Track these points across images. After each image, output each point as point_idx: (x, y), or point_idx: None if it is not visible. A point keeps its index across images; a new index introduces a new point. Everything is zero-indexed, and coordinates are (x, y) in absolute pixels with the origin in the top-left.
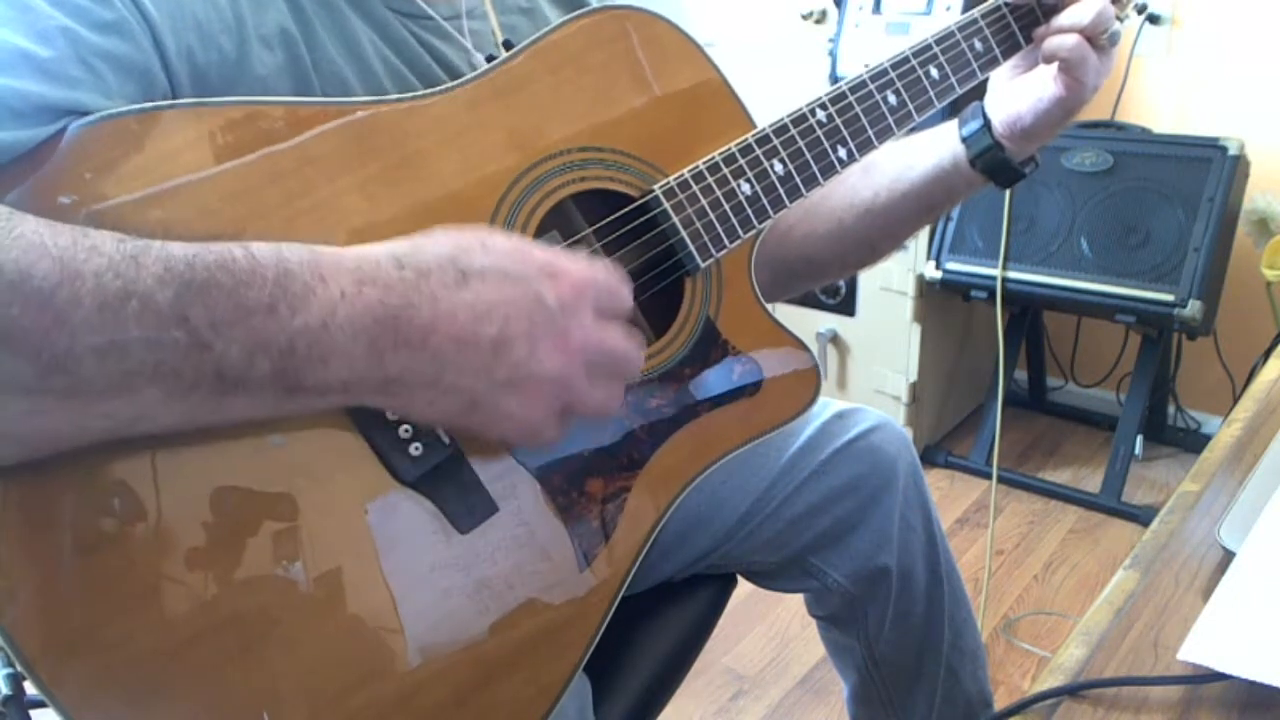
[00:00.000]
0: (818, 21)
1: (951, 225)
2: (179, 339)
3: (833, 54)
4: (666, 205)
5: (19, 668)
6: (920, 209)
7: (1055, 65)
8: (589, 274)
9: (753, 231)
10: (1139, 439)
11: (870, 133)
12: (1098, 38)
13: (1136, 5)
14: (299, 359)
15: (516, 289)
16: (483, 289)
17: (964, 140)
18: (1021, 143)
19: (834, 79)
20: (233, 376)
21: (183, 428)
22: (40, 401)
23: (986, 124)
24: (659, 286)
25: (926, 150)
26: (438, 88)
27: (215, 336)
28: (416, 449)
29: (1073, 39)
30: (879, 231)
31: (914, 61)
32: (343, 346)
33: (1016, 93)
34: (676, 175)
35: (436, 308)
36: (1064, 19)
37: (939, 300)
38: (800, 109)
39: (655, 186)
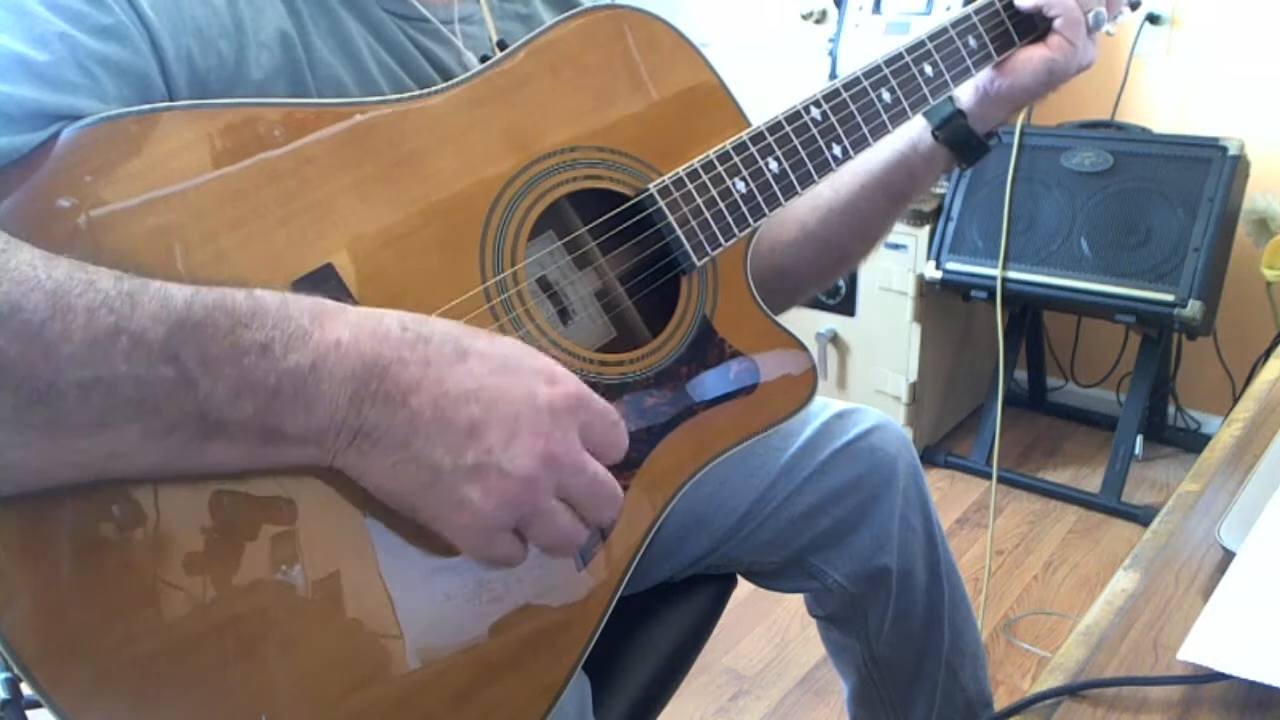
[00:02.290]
0: (818, 21)
1: (951, 225)
2: (167, 376)
3: (833, 54)
4: (661, 204)
5: (16, 671)
6: (883, 199)
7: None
8: (589, 394)
9: (748, 230)
10: (1139, 439)
11: (865, 130)
12: (1085, 14)
13: (1130, 2)
14: (283, 401)
15: (511, 380)
16: (478, 369)
17: (925, 113)
18: (992, 108)
19: (834, 79)
20: (214, 417)
21: (160, 472)
22: (15, 435)
23: (950, 95)
24: (654, 285)
25: (884, 139)
26: (433, 88)
27: (204, 374)
28: None
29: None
30: (846, 230)
31: (908, 58)
32: (328, 392)
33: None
34: (671, 174)
35: (426, 371)
36: None
37: (939, 300)
38: (795, 106)
39: (650, 185)
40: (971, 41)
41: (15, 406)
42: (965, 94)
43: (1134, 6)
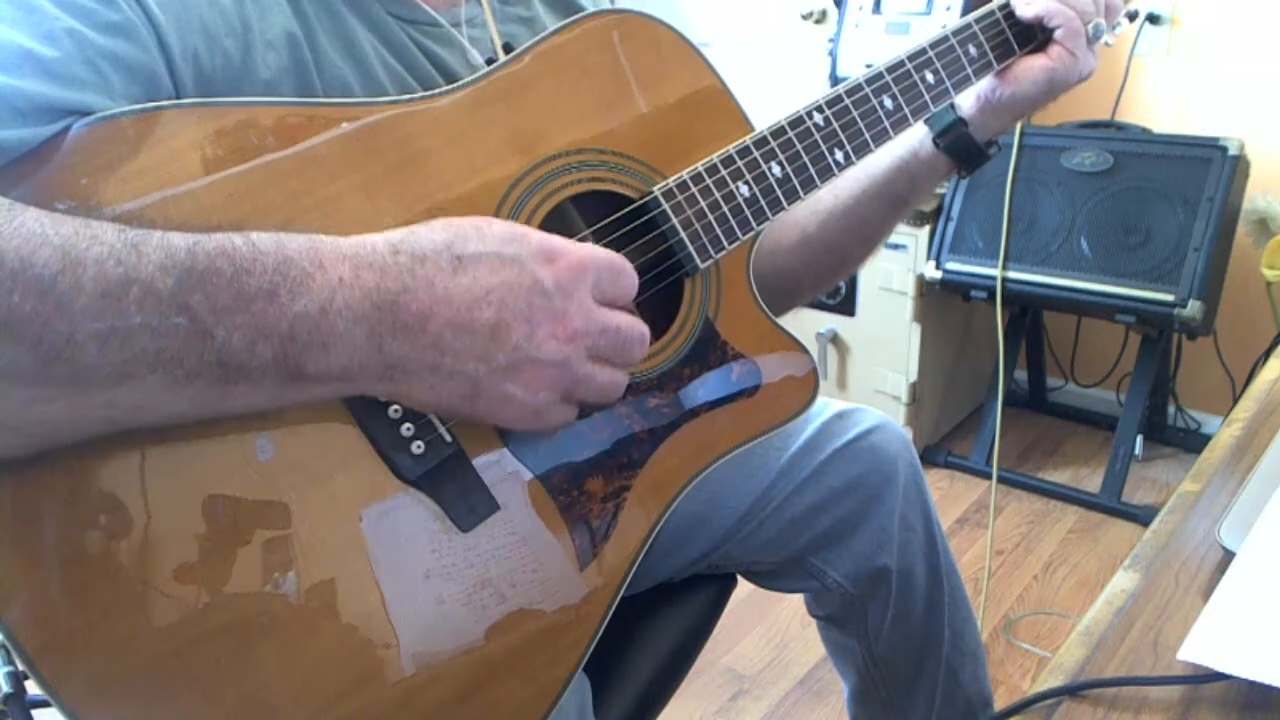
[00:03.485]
0: (818, 21)
1: (951, 225)
2: (180, 325)
3: (833, 54)
4: (666, 206)
5: (20, 666)
6: (883, 204)
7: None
8: (588, 255)
9: (751, 233)
10: (1139, 439)
11: (867, 136)
12: (1085, 26)
13: (1128, 13)
14: (300, 345)
15: (512, 272)
16: (478, 273)
17: (926, 121)
18: (992, 116)
19: (834, 79)
20: (234, 364)
21: (185, 418)
22: (41, 390)
23: (950, 104)
24: (658, 288)
25: (885, 146)
26: (439, 89)
27: (216, 323)
28: (418, 447)
29: (1067, 10)
30: (846, 235)
31: (909, 66)
32: (343, 332)
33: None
34: (675, 177)
35: (433, 292)
36: None
37: (939, 300)
38: (798, 112)
39: (654, 188)
40: (972, 50)
41: (36, 361)
42: (966, 102)
43: (1132, 18)
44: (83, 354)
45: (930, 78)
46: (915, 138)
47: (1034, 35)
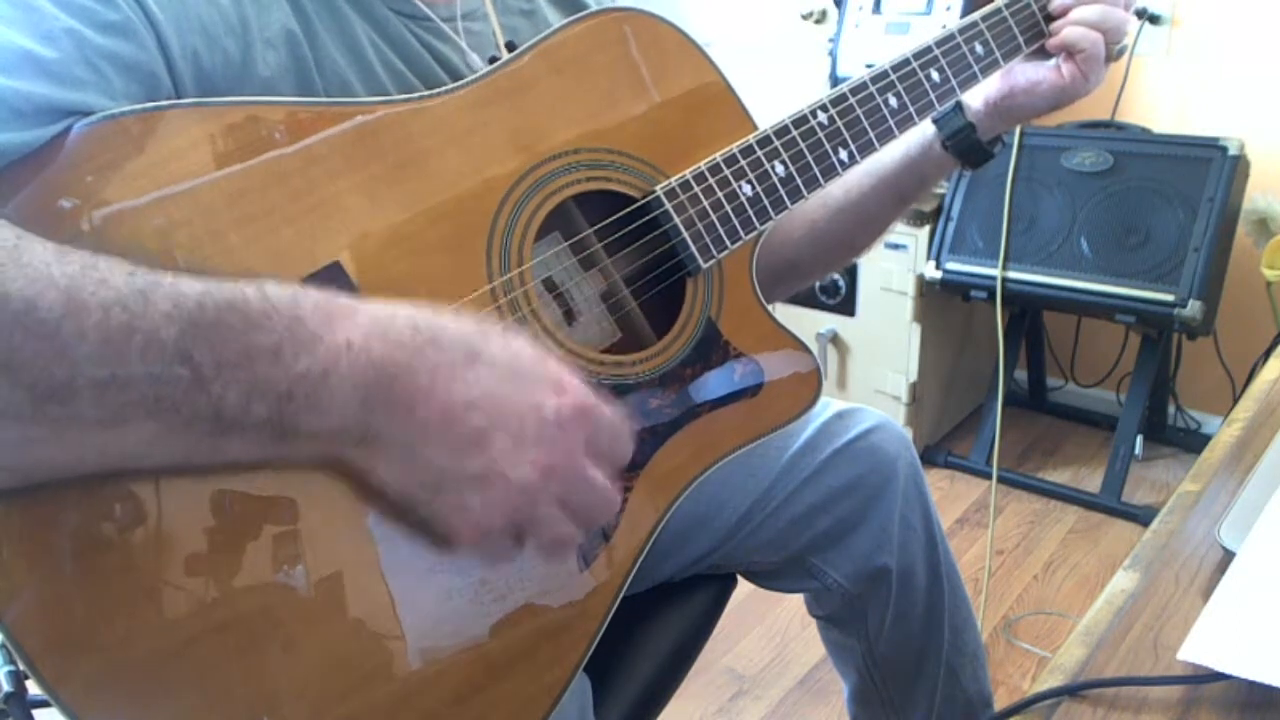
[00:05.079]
0: (818, 21)
1: (951, 225)
2: (181, 376)
3: (833, 54)
4: (668, 206)
5: (21, 665)
6: (893, 198)
7: (1062, 56)
8: (595, 406)
9: (754, 233)
10: (1139, 439)
11: (871, 135)
12: (1111, 47)
13: (1136, 10)
14: (296, 405)
15: (519, 389)
16: (487, 378)
17: (934, 121)
18: (998, 121)
19: (834, 79)
20: (229, 418)
21: (177, 465)
22: (35, 430)
23: (958, 105)
24: (661, 287)
25: (894, 142)
26: (441, 88)
27: (216, 376)
28: None
29: (1095, 35)
30: (855, 227)
31: (915, 64)
32: (340, 397)
33: (1011, 73)
34: (678, 176)
35: (435, 379)
36: (1089, 14)
37: (939, 300)
38: (801, 110)
39: (657, 187)
40: (978, 48)
41: (33, 402)
42: (974, 103)
43: (1140, 15)
44: (79, 399)
45: (935, 76)
46: (925, 136)
47: (1041, 34)
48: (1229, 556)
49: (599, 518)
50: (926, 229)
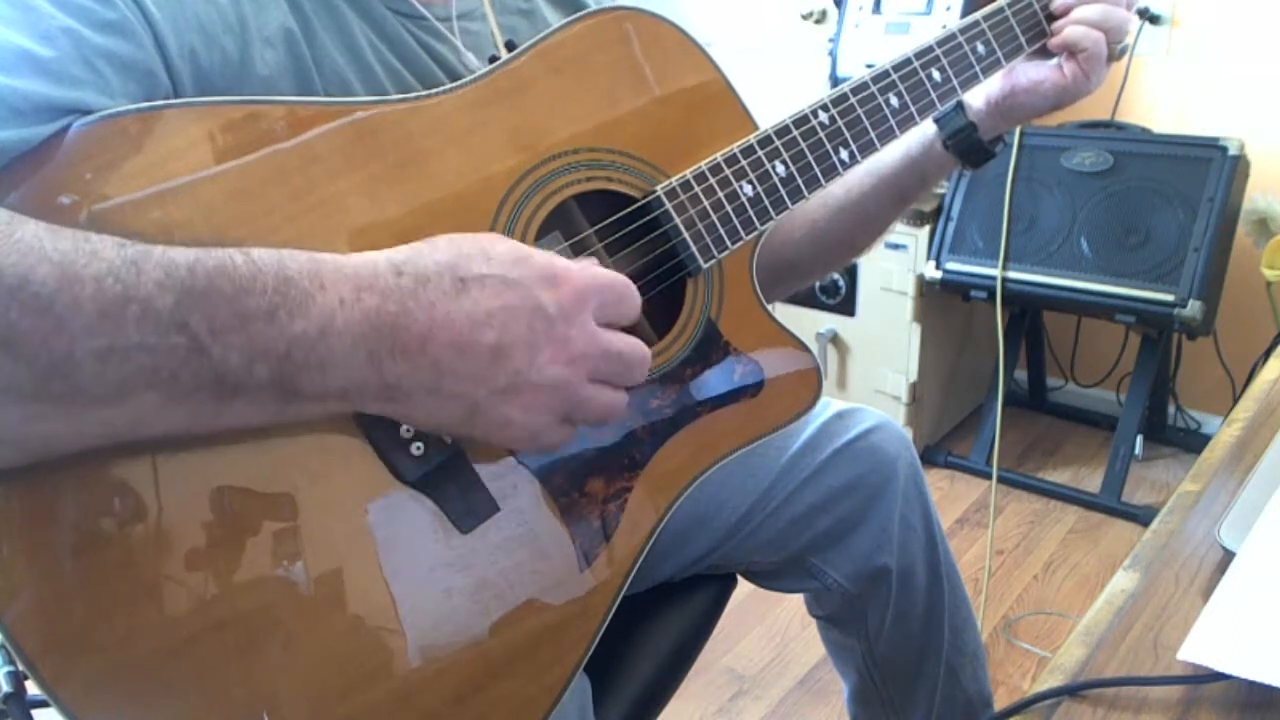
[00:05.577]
0: (818, 21)
1: (951, 225)
2: (179, 344)
3: (833, 54)
4: (668, 206)
5: (20, 666)
6: (894, 198)
7: (1064, 55)
8: (591, 279)
9: (755, 233)
10: (1139, 439)
11: (872, 134)
12: (1112, 46)
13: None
14: (296, 365)
15: (516, 296)
16: (481, 296)
17: (936, 121)
18: (999, 121)
19: (834, 79)
20: (231, 382)
21: (182, 433)
22: (39, 406)
23: (959, 104)
24: (661, 287)
25: (895, 141)
26: (441, 88)
27: (214, 342)
28: (418, 448)
29: (1097, 34)
30: (856, 226)
31: (916, 64)
32: (340, 354)
33: (1012, 72)
34: (679, 176)
35: (434, 315)
36: (1090, 14)
37: (939, 300)
38: (802, 110)
39: (657, 187)
40: (980, 48)
41: (34, 378)
42: (976, 103)
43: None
44: (81, 371)
45: (937, 75)
46: (926, 135)
47: (1043, 33)
48: (1229, 556)
49: (635, 372)
50: (926, 229)
